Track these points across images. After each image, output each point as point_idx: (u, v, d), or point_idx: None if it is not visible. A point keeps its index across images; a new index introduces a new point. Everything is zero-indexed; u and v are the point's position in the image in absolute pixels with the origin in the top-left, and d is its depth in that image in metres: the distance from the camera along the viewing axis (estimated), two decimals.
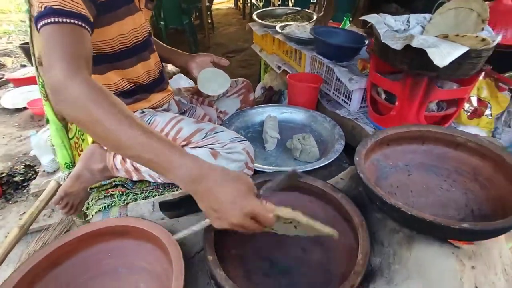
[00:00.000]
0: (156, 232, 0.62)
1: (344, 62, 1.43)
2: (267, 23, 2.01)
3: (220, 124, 1.22)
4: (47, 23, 0.62)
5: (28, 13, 1.09)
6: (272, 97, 2.08)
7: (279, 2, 3.60)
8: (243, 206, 0.52)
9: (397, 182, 0.71)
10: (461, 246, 0.56)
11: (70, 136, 1.46)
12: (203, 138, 0.92)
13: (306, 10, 2.21)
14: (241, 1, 5.93)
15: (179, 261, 0.56)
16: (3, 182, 2.01)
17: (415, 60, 0.91)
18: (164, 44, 1.21)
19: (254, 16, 2.04)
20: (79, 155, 1.57)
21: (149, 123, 0.97)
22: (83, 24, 0.66)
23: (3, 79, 3.66)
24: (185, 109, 1.18)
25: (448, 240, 0.57)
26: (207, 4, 4.43)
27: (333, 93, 1.40)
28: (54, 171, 1.99)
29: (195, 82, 1.15)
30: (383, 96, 1.12)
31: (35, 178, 2.05)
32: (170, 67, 2.60)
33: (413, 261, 0.56)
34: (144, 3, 0.95)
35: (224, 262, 0.59)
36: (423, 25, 1.16)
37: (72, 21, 0.64)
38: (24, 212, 1.80)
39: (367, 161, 0.71)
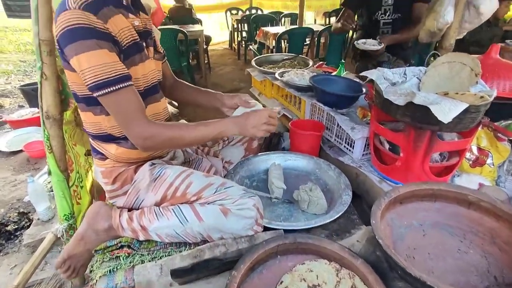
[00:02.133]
0: None
1: (343, 109, 1.48)
2: (266, 69, 2.09)
3: (225, 175, 1.21)
4: (111, 91, 0.80)
5: (40, 70, 1.12)
6: (271, 140, 2.10)
7: (273, 45, 3.80)
8: (265, 114, 0.98)
9: (413, 243, 0.71)
10: None
11: (70, 184, 1.43)
12: (214, 193, 0.91)
13: (301, 56, 2.32)
14: (236, 43, 6.21)
15: None
16: None
17: (417, 114, 0.94)
18: (199, 88, 1.24)
19: (253, 63, 2.13)
20: (77, 203, 1.53)
21: (159, 175, 0.97)
22: (131, 82, 0.85)
23: (1, 120, 3.65)
24: (190, 159, 1.19)
25: None
26: (204, 46, 4.62)
27: (335, 139, 1.43)
28: (49, 219, 1.93)
29: None
30: (387, 146, 1.15)
31: (29, 226, 1.97)
32: (170, 108, 2.63)
33: None
34: (152, 54, 1.02)
35: None
36: (419, 77, 1.22)
37: (126, 84, 0.83)
38: (15, 266, 1.71)
39: (382, 221, 0.70)
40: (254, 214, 0.89)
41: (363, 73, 1.09)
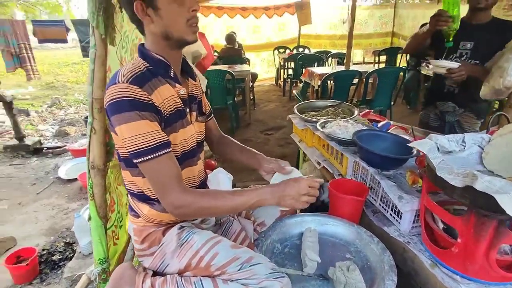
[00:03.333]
0: None
1: (390, 171, 1.35)
2: (308, 117, 2.05)
3: (256, 239, 1.15)
4: (149, 159, 0.83)
5: (90, 125, 1.20)
6: None
7: (319, 84, 3.76)
8: (304, 184, 0.94)
9: None
10: None
11: (109, 226, 1.48)
12: (238, 270, 0.85)
13: (346, 103, 2.23)
14: (282, 80, 6.34)
15: None
16: (42, 260, 2.05)
17: (479, 199, 0.80)
18: (243, 146, 1.25)
19: (295, 110, 2.10)
20: (114, 244, 1.57)
21: (186, 240, 0.95)
22: (170, 149, 0.88)
23: (64, 147, 4.05)
24: (222, 220, 1.15)
25: None
26: (250, 84, 4.77)
27: (380, 204, 1.29)
28: (90, 253, 2.01)
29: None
30: (441, 225, 0.99)
31: (72, 257, 2.07)
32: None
33: None
34: (195, 118, 1.04)
35: None
36: (481, 145, 1.07)
37: (164, 151, 0.86)
38: None
39: None
40: None
41: (411, 144, 0.99)
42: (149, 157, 0.83)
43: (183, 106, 0.97)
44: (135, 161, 0.85)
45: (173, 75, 0.94)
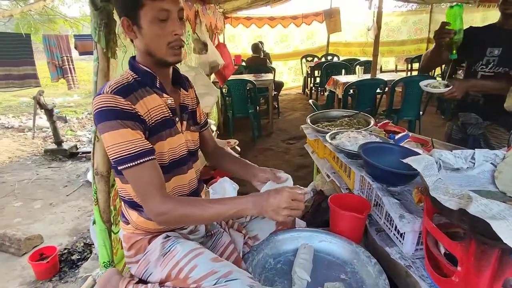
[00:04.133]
0: None
1: (397, 187, 1.26)
2: (321, 127, 1.99)
3: (247, 253, 1.12)
4: (130, 166, 0.85)
5: (94, 133, 1.27)
6: (321, 203, 1.93)
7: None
8: (285, 197, 0.88)
9: None
10: None
11: (116, 230, 1.54)
12: (214, 284, 0.83)
13: (363, 113, 2.13)
14: (309, 88, 6.26)
15: None
16: (62, 259, 2.17)
17: (478, 224, 0.71)
18: (236, 158, 1.27)
19: (307, 120, 2.05)
20: (122, 248, 1.62)
21: (169, 250, 0.95)
22: (152, 157, 0.88)
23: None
24: (212, 232, 1.14)
25: None
26: (274, 93, 4.76)
27: (384, 222, 1.21)
28: None
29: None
30: (443, 250, 0.90)
31: (88, 258, 2.17)
32: None
33: None
34: (186, 127, 1.05)
35: None
36: (494, 163, 0.96)
37: (146, 159, 0.86)
38: None
39: None
40: None
41: (406, 160, 0.91)
42: (130, 164, 0.84)
43: (171, 115, 0.98)
44: (118, 168, 0.87)
45: (159, 85, 0.96)
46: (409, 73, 5.91)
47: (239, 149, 3.48)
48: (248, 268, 1.05)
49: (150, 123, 0.92)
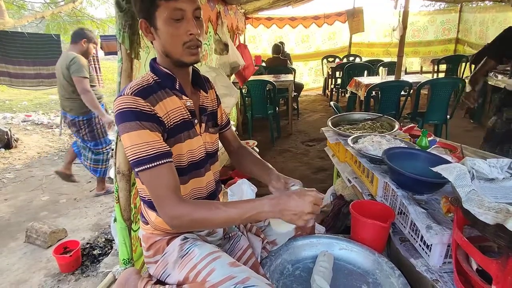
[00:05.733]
0: None
1: (424, 195, 1.20)
2: (342, 130, 1.94)
3: (265, 258, 1.10)
4: (146, 168, 0.84)
5: (117, 132, 1.29)
6: (341, 208, 1.88)
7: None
8: (307, 204, 0.83)
9: None
10: None
11: (136, 228, 1.56)
12: None
13: (387, 116, 2.06)
14: (329, 89, 6.15)
15: None
16: (84, 253, 2.24)
17: None
18: (257, 159, 1.20)
19: (328, 122, 2.01)
20: (141, 245, 1.65)
21: (187, 252, 0.95)
22: (169, 159, 0.87)
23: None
24: (230, 235, 1.13)
25: None
26: (294, 94, 4.71)
27: (409, 232, 1.15)
28: None
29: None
30: (474, 265, 0.84)
31: (109, 253, 2.22)
32: None
33: None
34: (204, 129, 1.05)
35: None
36: None
37: (163, 161, 0.85)
38: None
39: None
40: None
41: (436, 169, 0.86)
42: (147, 166, 0.84)
43: (190, 118, 0.98)
44: (135, 170, 0.86)
45: (178, 87, 0.95)
46: (435, 74, 5.68)
47: (257, 150, 3.47)
48: (266, 273, 1.03)
49: (169, 125, 0.92)
